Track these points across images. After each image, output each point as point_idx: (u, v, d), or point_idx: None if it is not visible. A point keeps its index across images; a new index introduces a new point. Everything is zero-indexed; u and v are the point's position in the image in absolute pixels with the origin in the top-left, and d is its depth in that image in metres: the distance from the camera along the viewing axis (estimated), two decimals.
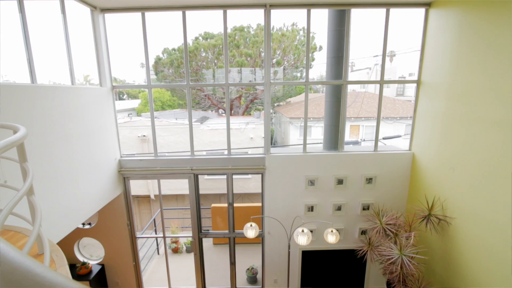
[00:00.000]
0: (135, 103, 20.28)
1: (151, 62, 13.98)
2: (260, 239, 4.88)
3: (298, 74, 14.62)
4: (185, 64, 4.20)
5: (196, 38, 14.02)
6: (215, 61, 13.69)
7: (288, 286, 4.58)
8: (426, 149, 4.03)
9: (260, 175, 4.61)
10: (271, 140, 15.76)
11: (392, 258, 3.53)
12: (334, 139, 4.47)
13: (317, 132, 12.48)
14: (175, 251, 6.73)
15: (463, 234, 3.29)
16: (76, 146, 3.34)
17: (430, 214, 3.64)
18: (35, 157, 2.69)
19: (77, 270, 4.74)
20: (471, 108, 3.15)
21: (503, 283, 2.76)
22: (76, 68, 3.61)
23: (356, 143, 11.09)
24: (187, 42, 4.12)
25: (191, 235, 4.87)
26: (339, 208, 4.47)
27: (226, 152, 4.56)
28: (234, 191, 4.67)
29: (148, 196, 11.59)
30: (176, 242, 6.80)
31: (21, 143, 1.42)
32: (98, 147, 3.86)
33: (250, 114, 16.44)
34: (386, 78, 4.63)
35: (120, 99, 24.10)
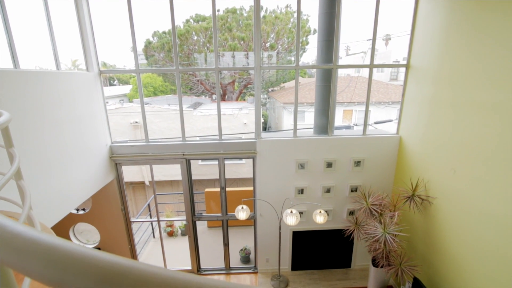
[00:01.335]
0: (126, 89, 19.86)
1: (141, 46, 13.62)
2: (252, 221, 5.05)
3: (292, 58, 14.42)
4: (174, 47, 4.12)
5: (187, 21, 13.55)
6: (207, 45, 13.34)
7: (279, 264, 4.81)
8: (413, 132, 4.13)
9: (252, 160, 4.70)
10: (265, 126, 15.77)
11: (377, 236, 3.72)
12: (324, 123, 4.53)
13: (311, 117, 12.51)
14: (170, 234, 6.90)
15: (443, 213, 3.47)
16: (65, 132, 3.33)
17: (413, 194, 3.80)
18: (24, 144, 2.69)
19: None
20: (458, 92, 3.21)
21: (478, 257, 2.96)
22: (61, 53, 3.52)
23: (348, 127, 11.20)
24: (175, 25, 4.02)
25: (185, 218, 4.99)
26: (328, 190, 4.62)
27: (218, 137, 4.59)
28: (228, 176, 4.76)
29: (143, 183, 11.67)
30: (171, 226, 6.96)
31: (6, 127, 1.43)
32: (88, 133, 3.85)
33: (244, 100, 16.30)
34: (381, 62, 4.64)
35: (111, 84, 23.53)
